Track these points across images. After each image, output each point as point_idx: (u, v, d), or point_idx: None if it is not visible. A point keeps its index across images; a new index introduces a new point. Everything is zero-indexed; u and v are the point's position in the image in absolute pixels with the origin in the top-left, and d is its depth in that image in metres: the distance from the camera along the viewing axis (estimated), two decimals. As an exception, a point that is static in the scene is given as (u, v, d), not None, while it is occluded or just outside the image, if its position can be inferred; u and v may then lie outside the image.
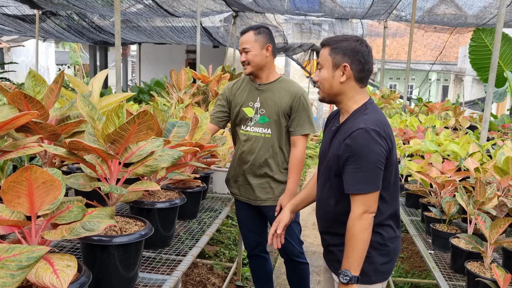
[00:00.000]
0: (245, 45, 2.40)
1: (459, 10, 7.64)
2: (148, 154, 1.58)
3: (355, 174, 1.54)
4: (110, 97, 2.09)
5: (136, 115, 1.38)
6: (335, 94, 1.67)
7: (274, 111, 2.42)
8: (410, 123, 4.72)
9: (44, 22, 10.43)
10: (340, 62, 1.62)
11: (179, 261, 1.83)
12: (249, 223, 2.65)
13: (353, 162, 1.55)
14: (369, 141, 1.54)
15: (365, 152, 1.53)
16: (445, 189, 2.27)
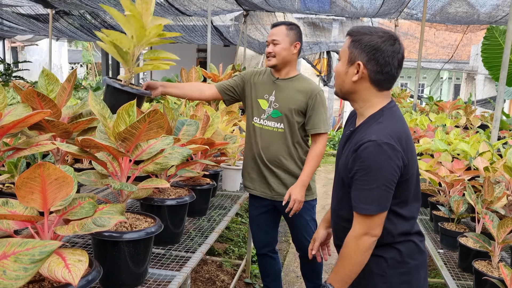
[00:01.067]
0: (275, 37, 2.41)
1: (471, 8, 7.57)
2: (158, 152, 1.60)
3: (360, 192, 1.39)
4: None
5: (146, 113, 1.41)
6: (347, 92, 1.50)
7: (287, 107, 2.43)
8: (420, 122, 4.70)
9: (57, 21, 10.56)
10: (356, 59, 1.43)
11: (188, 257, 1.86)
12: (260, 221, 2.66)
13: (360, 177, 1.39)
14: (380, 156, 1.35)
15: (374, 169, 1.36)
16: (454, 188, 2.27)
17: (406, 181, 1.42)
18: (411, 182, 1.45)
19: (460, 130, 3.70)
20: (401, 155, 1.37)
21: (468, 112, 5.67)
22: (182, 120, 2.10)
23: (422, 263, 1.52)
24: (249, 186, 2.59)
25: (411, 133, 4.18)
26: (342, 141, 1.61)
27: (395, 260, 1.47)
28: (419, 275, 1.50)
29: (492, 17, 7.58)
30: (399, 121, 1.46)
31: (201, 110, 3.52)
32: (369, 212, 1.37)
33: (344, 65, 1.47)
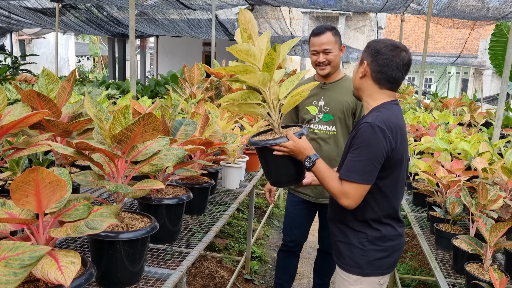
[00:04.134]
0: (326, 46, 2.45)
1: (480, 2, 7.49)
2: (154, 153, 1.63)
3: (349, 162, 1.65)
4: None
5: (141, 116, 1.43)
6: (356, 87, 1.80)
7: (339, 108, 2.50)
8: (423, 119, 4.69)
9: (64, 15, 10.62)
10: (363, 59, 1.75)
11: (186, 253, 1.89)
12: (299, 219, 2.72)
13: (352, 151, 1.66)
14: (372, 135, 1.62)
15: (365, 145, 1.62)
16: (450, 189, 2.28)
17: (395, 164, 1.67)
18: (401, 168, 1.71)
19: (462, 129, 3.69)
20: (389, 139, 1.62)
21: (472, 109, 5.65)
22: (180, 120, 2.12)
23: (398, 245, 1.77)
24: (292, 187, 2.71)
25: (414, 131, 4.19)
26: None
27: (374, 237, 1.72)
28: (394, 256, 1.76)
29: (500, 13, 7.51)
30: (395, 114, 1.70)
31: (202, 107, 3.54)
32: (356, 179, 1.61)
33: (357, 66, 1.80)
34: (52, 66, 19.07)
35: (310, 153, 1.71)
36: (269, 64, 1.58)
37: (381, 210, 1.71)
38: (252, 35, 1.66)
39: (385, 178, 1.67)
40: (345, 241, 1.78)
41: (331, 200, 1.86)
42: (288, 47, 1.73)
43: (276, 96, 1.72)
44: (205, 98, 4.13)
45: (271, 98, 1.72)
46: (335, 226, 1.84)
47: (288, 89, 1.73)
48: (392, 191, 1.71)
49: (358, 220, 1.74)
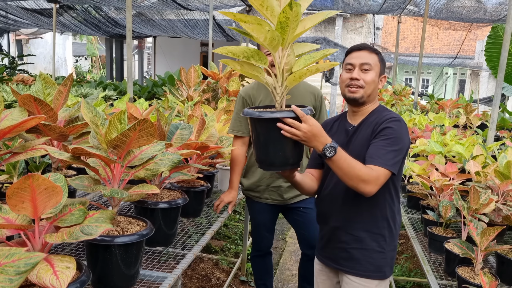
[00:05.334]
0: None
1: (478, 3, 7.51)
2: (149, 158, 1.65)
3: (383, 151, 1.62)
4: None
5: (136, 122, 1.45)
6: (372, 97, 1.79)
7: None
8: (419, 121, 4.72)
9: (62, 15, 10.61)
10: (383, 72, 1.80)
11: (182, 255, 1.92)
12: (269, 224, 2.73)
13: (384, 140, 1.64)
14: (403, 129, 1.69)
15: (399, 137, 1.65)
16: (444, 193, 2.30)
17: (404, 159, 1.72)
18: (405, 159, 1.77)
19: (457, 131, 3.72)
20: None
21: (468, 111, 5.68)
22: (176, 124, 2.14)
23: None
24: (257, 196, 2.64)
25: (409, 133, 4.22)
26: (341, 139, 1.79)
27: (390, 237, 1.74)
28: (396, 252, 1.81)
29: (497, 15, 7.54)
30: None
31: (199, 109, 3.56)
32: (386, 166, 1.59)
33: (377, 76, 1.77)
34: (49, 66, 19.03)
35: (328, 139, 1.53)
36: (283, 25, 1.31)
37: (396, 206, 1.76)
38: None
39: (399, 173, 1.72)
40: (362, 247, 1.74)
41: (340, 207, 1.78)
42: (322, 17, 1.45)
43: (290, 67, 1.47)
44: (202, 100, 4.14)
45: (281, 68, 1.46)
46: (347, 234, 1.77)
47: (306, 64, 1.47)
48: (400, 185, 1.80)
49: (377, 221, 1.73)
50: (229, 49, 1.40)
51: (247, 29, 1.35)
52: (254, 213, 2.71)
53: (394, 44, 15.69)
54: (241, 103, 2.59)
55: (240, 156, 2.54)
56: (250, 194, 2.66)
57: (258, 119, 1.47)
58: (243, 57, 1.41)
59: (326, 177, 1.86)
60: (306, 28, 1.43)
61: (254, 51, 1.42)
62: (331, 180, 1.83)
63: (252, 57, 1.42)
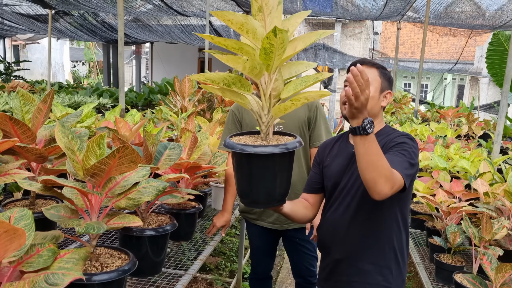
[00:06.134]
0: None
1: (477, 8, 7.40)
2: (132, 185, 1.50)
3: (403, 158, 1.50)
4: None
5: (116, 149, 1.31)
6: (373, 114, 1.65)
7: (294, 125, 2.30)
8: (421, 132, 4.58)
9: (57, 21, 10.49)
10: (386, 88, 1.66)
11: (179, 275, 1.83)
12: (267, 248, 2.57)
13: (404, 150, 1.52)
14: (417, 150, 1.57)
15: (415, 154, 1.55)
16: (451, 216, 2.16)
17: (413, 180, 1.60)
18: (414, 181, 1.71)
19: (460, 144, 3.58)
20: None
21: (470, 120, 5.55)
22: (165, 144, 2.00)
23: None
24: (253, 218, 2.48)
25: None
26: (340, 161, 1.69)
27: (397, 270, 1.62)
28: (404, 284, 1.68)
29: (497, 22, 7.43)
30: None
31: (193, 122, 3.42)
32: (401, 173, 1.43)
33: (376, 92, 1.64)
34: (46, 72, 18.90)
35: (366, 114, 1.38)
36: (267, 51, 1.16)
37: (404, 237, 1.64)
38: (263, 7, 1.20)
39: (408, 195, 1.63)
40: (367, 281, 1.60)
41: (343, 237, 1.64)
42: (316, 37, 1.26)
43: (278, 93, 1.32)
44: (196, 111, 4.00)
45: (267, 94, 1.31)
46: (351, 266, 1.63)
47: (296, 89, 1.31)
48: (408, 214, 1.68)
49: (384, 252, 1.59)
50: (207, 76, 1.24)
51: (222, 60, 1.21)
52: (251, 236, 2.57)
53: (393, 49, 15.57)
54: (231, 117, 2.46)
55: None
56: (246, 216, 2.52)
57: (239, 153, 1.31)
58: (224, 84, 1.25)
59: (329, 201, 1.72)
60: (296, 50, 1.27)
61: (236, 78, 1.26)
62: (333, 205, 1.69)
63: (234, 84, 1.26)
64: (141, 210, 1.91)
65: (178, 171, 2.28)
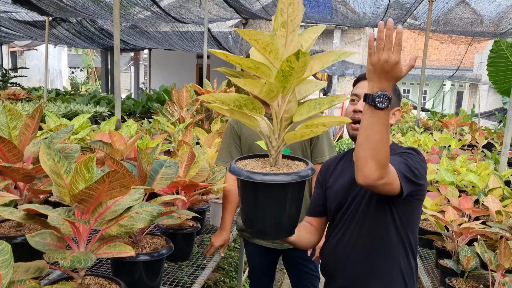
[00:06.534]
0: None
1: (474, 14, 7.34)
2: (124, 210, 1.39)
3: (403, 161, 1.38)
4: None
5: (106, 174, 1.20)
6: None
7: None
8: (424, 142, 4.48)
9: (55, 28, 10.40)
10: (395, 105, 1.54)
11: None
12: (266, 268, 2.45)
13: (408, 158, 1.41)
14: (424, 163, 1.46)
15: (420, 164, 1.43)
16: (462, 237, 2.05)
17: (421, 200, 1.50)
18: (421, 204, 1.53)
19: (466, 156, 3.47)
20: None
21: (473, 129, 5.46)
22: (161, 161, 1.89)
23: None
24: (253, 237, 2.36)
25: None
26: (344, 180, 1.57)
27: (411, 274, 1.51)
28: None
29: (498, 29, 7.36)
30: None
31: (191, 134, 3.31)
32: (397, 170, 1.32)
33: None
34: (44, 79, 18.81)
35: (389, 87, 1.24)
36: (286, 74, 1.09)
37: (413, 264, 1.53)
38: (288, 23, 1.12)
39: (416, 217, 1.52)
40: None
41: (348, 265, 1.53)
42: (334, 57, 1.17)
43: (289, 116, 1.23)
44: (194, 121, 3.90)
45: (280, 116, 1.22)
46: None
47: (310, 113, 1.21)
48: (416, 240, 1.56)
49: (391, 279, 1.49)
50: (217, 97, 1.14)
51: (239, 83, 1.11)
52: (250, 255, 2.45)
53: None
54: (229, 131, 2.35)
55: (233, 192, 2.27)
56: (244, 234, 2.40)
57: (246, 181, 1.20)
58: (235, 106, 1.16)
59: (332, 224, 1.61)
60: (313, 71, 1.17)
61: (248, 99, 1.16)
62: (336, 228, 1.58)
63: (246, 106, 1.17)
64: (135, 232, 1.80)
65: (175, 188, 2.17)
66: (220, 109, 1.18)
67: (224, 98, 1.15)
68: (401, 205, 1.43)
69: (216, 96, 1.14)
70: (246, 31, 1.06)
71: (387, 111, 1.20)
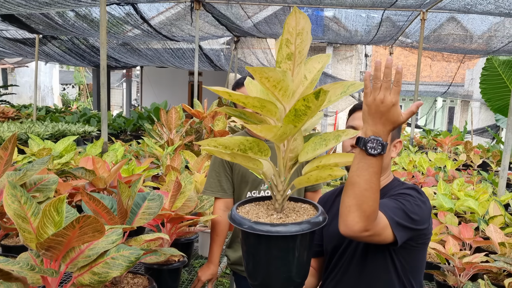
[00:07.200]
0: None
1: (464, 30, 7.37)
2: (99, 255, 1.26)
3: (398, 205, 1.26)
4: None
5: (76, 219, 1.07)
6: (385, 167, 1.42)
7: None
8: (419, 163, 4.39)
9: (45, 45, 10.31)
10: (396, 137, 1.44)
11: None
12: None
13: (405, 201, 1.28)
14: (423, 197, 1.34)
15: (418, 206, 1.30)
16: (466, 271, 1.93)
17: (425, 244, 1.39)
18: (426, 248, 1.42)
19: (464, 179, 3.38)
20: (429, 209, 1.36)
21: (468, 149, 5.39)
22: (144, 194, 1.76)
23: None
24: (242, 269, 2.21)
25: (410, 178, 3.87)
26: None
27: None
28: None
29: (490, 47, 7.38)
30: None
31: (179, 158, 3.19)
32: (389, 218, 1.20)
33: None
34: (34, 96, 18.66)
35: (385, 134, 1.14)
36: (299, 114, 0.97)
37: None
38: (296, 55, 1.01)
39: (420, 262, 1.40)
40: None
41: None
42: (342, 90, 1.06)
43: (295, 156, 1.12)
44: (183, 144, 3.78)
45: (285, 157, 1.11)
46: None
47: (316, 150, 1.09)
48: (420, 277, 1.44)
49: None
50: (219, 142, 1.03)
51: (255, 131, 1.00)
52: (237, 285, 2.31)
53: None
54: (220, 158, 2.20)
55: (222, 224, 2.14)
56: (238, 269, 2.25)
57: (251, 233, 1.06)
58: (239, 150, 1.05)
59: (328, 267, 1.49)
60: (330, 102, 1.07)
61: (254, 141, 1.05)
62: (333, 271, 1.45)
63: (251, 149, 1.06)
64: (115, 272, 1.66)
65: (160, 220, 2.04)
66: (221, 154, 1.06)
67: (227, 143, 1.04)
68: (401, 251, 1.31)
69: (219, 141, 1.03)
70: (257, 68, 0.94)
71: (379, 158, 1.09)
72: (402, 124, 1.13)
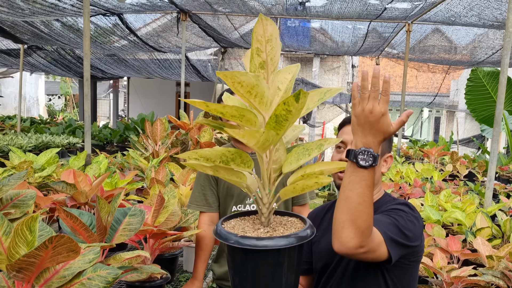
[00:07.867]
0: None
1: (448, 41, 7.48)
2: (74, 276, 1.21)
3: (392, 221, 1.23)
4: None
5: (48, 239, 1.02)
6: (376, 182, 1.38)
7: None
8: (406, 174, 4.39)
9: (30, 56, 10.19)
10: (386, 151, 1.40)
11: None
12: None
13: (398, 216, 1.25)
14: (416, 213, 1.31)
15: (411, 222, 1.26)
16: (454, 285, 1.91)
17: (418, 262, 1.35)
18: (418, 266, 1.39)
19: (450, 190, 3.37)
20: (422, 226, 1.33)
21: (454, 159, 5.41)
22: (124, 210, 1.71)
23: None
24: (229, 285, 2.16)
25: (397, 189, 3.86)
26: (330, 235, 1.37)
27: None
28: None
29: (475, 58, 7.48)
30: None
31: (164, 170, 3.14)
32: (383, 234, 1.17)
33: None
34: (19, 106, 18.40)
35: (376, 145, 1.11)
36: (280, 119, 0.95)
37: None
38: (268, 62, 1.00)
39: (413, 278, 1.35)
40: None
41: None
42: (319, 97, 1.05)
43: (278, 167, 1.09)
44: (169, 156, 3.73)
45: (268, 168, 1.07)
46: None
47: (299, 161, 1.07)
48: None
49: None
50: (201, 154, 0.99)
51: (237, 136, 0.96)
52: None
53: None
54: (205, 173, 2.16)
55: (207, 238, 2.08)
56: (224, 284, 2.19)
57: (237, 248, 1.02)
58: (221, 162, 1.01)
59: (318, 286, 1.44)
60: (308, 109, 1.04)
61: (236, 152, 1.02)
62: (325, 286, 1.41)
63: (233, 161, 1.02)
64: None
65: (143, 236, 1.99)
66: (203, 167, 1.02)
67: (209, 154, 0.99)
68: (394, 269, 1.28)
69: (200, 153, 0.99)
70: (228, 73, 0.91)
71: (371, 170, 1.06)
72: (393, 134, 1.11)
